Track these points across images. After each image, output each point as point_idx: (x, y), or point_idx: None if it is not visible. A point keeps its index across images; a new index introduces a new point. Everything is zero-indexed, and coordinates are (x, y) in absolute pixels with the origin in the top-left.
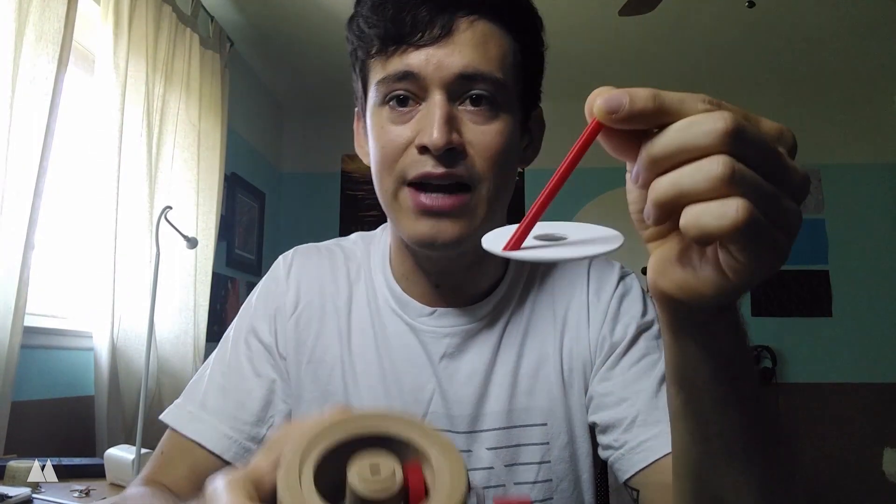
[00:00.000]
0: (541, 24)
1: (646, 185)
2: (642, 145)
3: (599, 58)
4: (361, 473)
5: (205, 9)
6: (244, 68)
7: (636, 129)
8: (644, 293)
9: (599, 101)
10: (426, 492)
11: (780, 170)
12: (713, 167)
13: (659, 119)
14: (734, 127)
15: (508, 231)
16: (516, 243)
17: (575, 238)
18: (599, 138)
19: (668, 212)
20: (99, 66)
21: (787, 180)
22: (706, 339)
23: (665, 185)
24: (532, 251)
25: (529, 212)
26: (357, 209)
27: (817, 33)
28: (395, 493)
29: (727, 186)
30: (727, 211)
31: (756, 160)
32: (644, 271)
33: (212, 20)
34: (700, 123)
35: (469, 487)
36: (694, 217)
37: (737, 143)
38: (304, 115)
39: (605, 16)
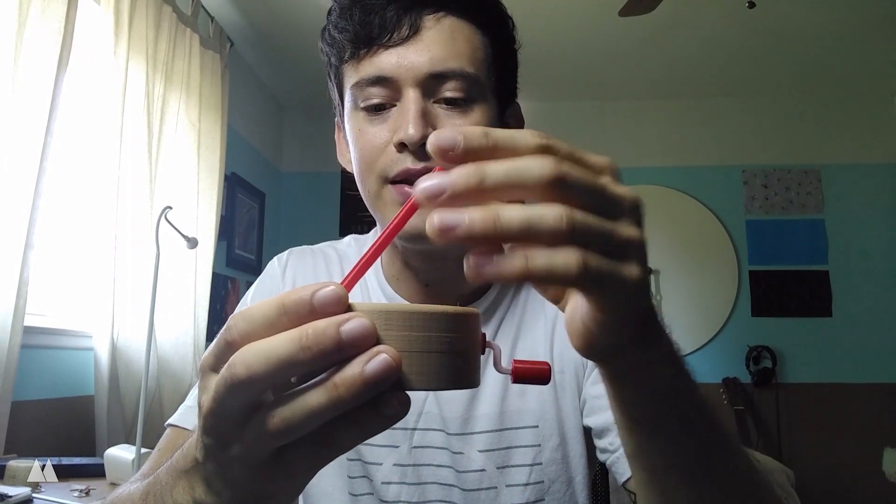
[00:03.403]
0: (510, 19)
1: (456, 202)
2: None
3: (599, 59)
4: None
5: (205, 9)
6: (244, 68)
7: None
8: None
9: (433, 138)
10: None
11: (608, 201)
12: (554, 215)
13: (491, 155)
14: (556, 175)
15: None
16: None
17: None
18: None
19: (495, 239)
20: (99, 66)
21: (618, 208)
22: (640, 383)
23: (517, 219)
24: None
25: (357, 265)
26: (357, 209)
27: (817, 33)
28: None
29: (566, 238)
30: (569, 261)
31: (583, 198)
32: None
33: (212, 20)
34: (528, 169)
35: (484, 337)
36: (544, 264)
37: (562, 187)
38: (304, 115)
39: (604, 16)
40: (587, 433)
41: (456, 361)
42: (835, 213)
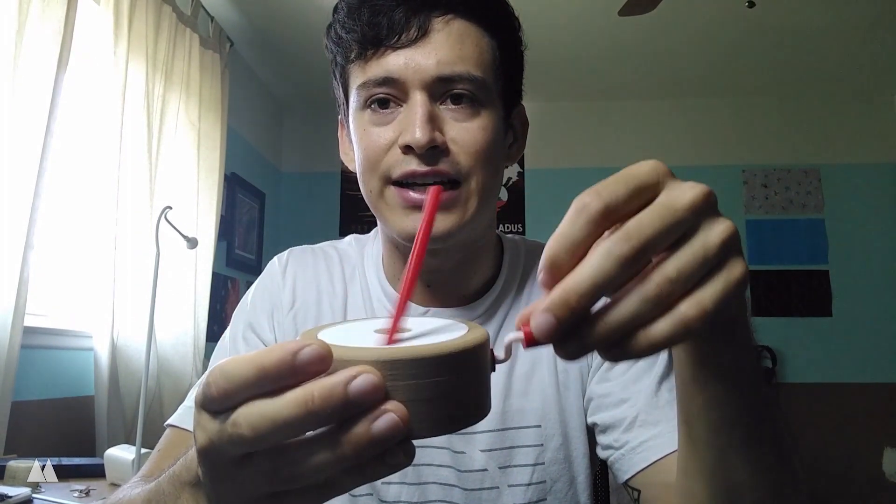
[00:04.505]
0: (518, 22)
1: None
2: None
3: (599, 59)
4: None
5: (205, 9)
6: (244, 68)
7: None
8: None
9: (534, 325)
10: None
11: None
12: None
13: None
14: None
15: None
16: (393, 338)
17: (421, 329)
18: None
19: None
20: (99, 66)
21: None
22: (734, 333)
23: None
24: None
25: (399, 303)
26: (357, 209)
27: (817, 33)
28: None
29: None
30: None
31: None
32: None
33: (212, 20)
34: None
35: (493, 353)
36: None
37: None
38: (304, 115)
39: (604, 16)
40: (590, 432)
41: (467, 400)
42: (835, 213)
